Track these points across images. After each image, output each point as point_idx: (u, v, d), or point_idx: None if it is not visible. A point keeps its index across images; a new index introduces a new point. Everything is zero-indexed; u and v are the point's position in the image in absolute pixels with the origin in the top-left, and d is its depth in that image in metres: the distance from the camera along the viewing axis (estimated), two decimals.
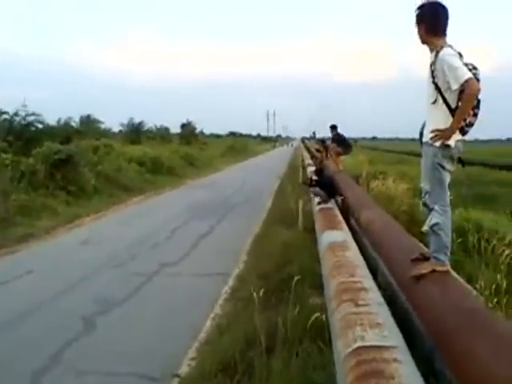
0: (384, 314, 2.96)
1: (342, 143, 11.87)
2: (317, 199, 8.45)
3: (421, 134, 3.26)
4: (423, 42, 3.21)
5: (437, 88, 3.02)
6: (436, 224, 3.02)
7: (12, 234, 9.80)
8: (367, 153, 35.58)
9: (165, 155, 24.55)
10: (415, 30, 3.23)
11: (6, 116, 18.00)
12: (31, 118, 17.93)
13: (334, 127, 12.07)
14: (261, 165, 34.57)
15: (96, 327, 5.39)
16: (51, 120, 21.92)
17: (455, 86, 2.89)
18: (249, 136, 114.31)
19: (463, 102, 2.91)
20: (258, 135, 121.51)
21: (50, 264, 8.07)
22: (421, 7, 3.18)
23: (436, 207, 3.05)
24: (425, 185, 3.16)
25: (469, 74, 2.85)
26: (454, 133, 2.98)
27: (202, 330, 5.23)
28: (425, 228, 3.15)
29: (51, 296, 6.32)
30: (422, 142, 3.21)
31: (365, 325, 2.73)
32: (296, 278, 4.38)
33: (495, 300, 4.43)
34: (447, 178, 3.10)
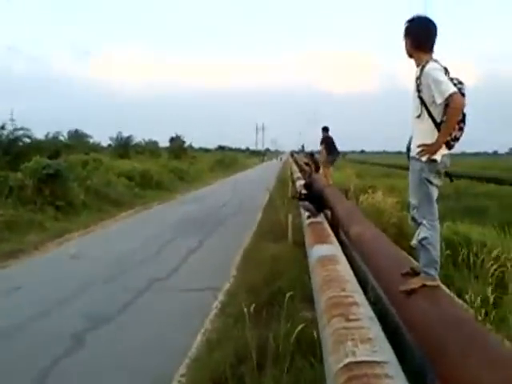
0: (375, 329, 2.96)
1: (329, 147, 11.80)
2: (306, 213, 8.47)
3: (408, 149, 3.29)
4: (410, 55, 3.25)
5: (422, 102, 3.05)
6: (424, 238, 3.04)
7: (0, 249, 9.69)
8: (353, 166, 35.82)
9: (154, 169, 24.50)
10: (403, 42, 3.28)
11: None
12: (19, 133, 17.80)
13: (325, 129, 11.95)
14: (250, 178, 34.66)
15: (85, 344, 5.32)
16: (39, 134, 21.82)
17: (440, 100, 2.92)
18: (238, 150, 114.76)
19: (448, 117, 2.93)
20: (247, 149, 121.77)
21: (40, 279, 7.98)
22: (410, 21, 3.22)
23: (424, 222, 3.06)
24: (413, 199, 3.18)
25: (453, 89, 2.88)
26: (440, 147, 3.00)
27: (192, 345, 5.19)
28: (413, 242, 3.16)
29: (40, 312, 6.22)
30: (409, 157, 3.24)
31: (356, 340, 2.74)
32: (288, 295, 4.38)
33: (483, 311, 4.45)
34: (435, 193, 3.12)
